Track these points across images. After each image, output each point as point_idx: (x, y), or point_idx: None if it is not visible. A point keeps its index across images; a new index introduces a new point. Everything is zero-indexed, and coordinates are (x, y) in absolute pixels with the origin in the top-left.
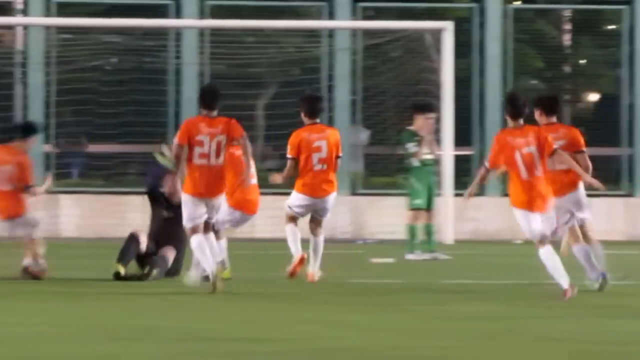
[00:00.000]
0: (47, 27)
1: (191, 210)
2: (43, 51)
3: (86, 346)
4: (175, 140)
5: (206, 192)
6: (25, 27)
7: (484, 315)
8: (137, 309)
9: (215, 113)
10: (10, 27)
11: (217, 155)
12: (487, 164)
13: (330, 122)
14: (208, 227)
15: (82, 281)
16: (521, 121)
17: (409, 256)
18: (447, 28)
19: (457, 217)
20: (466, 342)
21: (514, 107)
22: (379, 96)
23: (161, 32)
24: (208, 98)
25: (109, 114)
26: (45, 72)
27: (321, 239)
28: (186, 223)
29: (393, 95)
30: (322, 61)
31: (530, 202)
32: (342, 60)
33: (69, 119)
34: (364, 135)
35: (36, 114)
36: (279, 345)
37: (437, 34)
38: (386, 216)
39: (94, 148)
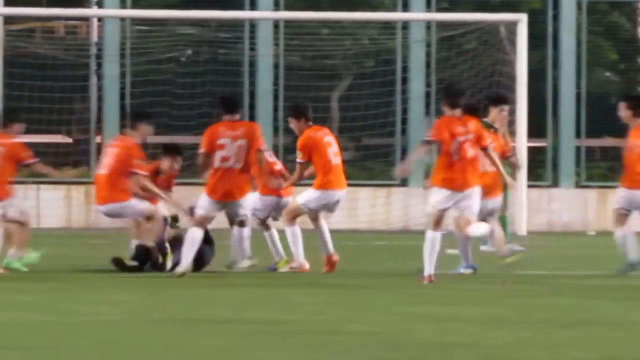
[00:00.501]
0: (122, 19)
1: (207, 209)
2: (118, 43)
3: (161, 337)
4: (200, 150)
5: (224, 196)
6: (101, 19)
7: (557, 306)
8: (210, 301)
9: (237, 117)
10: (85, 19)
11: (238, 159)
12: (428, 137)
13: (404, 114)
14: (243, 223)
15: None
16: (458, 111)
17: (483, 247)
18: (522, 20)
19: (530, 208)
20: (539, 334)
21: (451, 97)
22: None
23: (236, 24)
24: (229, 103)
25: (184, 106)
26: (120, 63)
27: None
28: (198, 209)
29: (467, 87)
30: (396, 53)
31: (451, 181)
32: (417, 52)
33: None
34: None
35: (111, 106)
36: (353, 337)
37: (511, 26)
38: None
39: (169, 139)
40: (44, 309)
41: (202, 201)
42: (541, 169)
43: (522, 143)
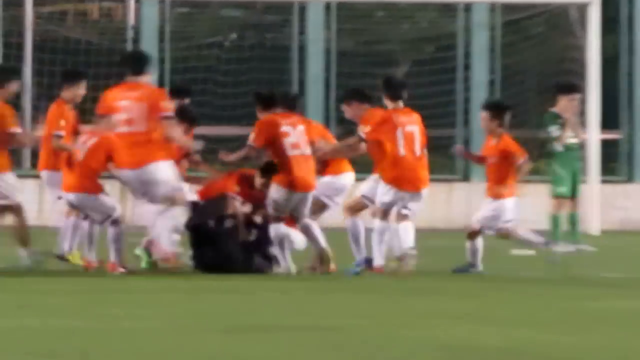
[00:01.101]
0: (161, 1)
1: (286, 204)
2: (157, 26)
3: (202, 345)
4: (251, 142)
5: (305, 186)
6: (138, 0)
7: (631, 311)
8: (258, 305)
9: (279, 110)
10: (121, 1)
11: (305, 145)
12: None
13: (466, 103)
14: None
15: (197, 273)
16: (401, 103)
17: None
18: (594, 2)
19: (603, 205)
20: (613, 339)
21: (392, 89)
22: (519, 75)
23: (284, 6)
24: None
25: (228, 94)
26: (159, 48)
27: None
28: (273, 208)
29: (534, 74)
30: (458, 38)
31: (400, 180)
32: (480, 36)
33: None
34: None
35: None
36: (409, 344)
37: (582, 8)
38: (527, 205)
39: (212, 130)
40: (76, 313)
41: (278, 195)
42: (615, 163)
43: (593, 135)
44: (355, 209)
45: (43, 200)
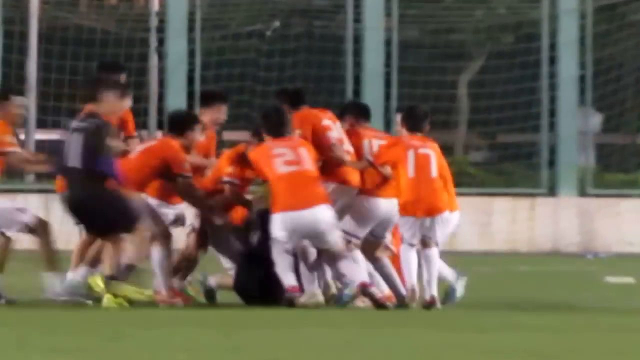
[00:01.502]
0: None
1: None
2: (186, 13)
3: None
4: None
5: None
6: None
7: None
8: (300, 343)
9: None
10: None
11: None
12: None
13: (552, 103)
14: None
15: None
16: (418, 135)
17: None
18: None
19: None
20: None
21: (412, 120)
22: (614, 71)
23: None
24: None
25: (269, 93)
26: (189, 39)
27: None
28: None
29: (633, 69)
30: (542, 26)
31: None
32: (568, 25)
33: None
34: (595, 120)
35: (176, 93)
36: None
37: None
38: (624, 223)
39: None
40: (89, 355)
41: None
42: None
43: None
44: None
45: (50, 219)
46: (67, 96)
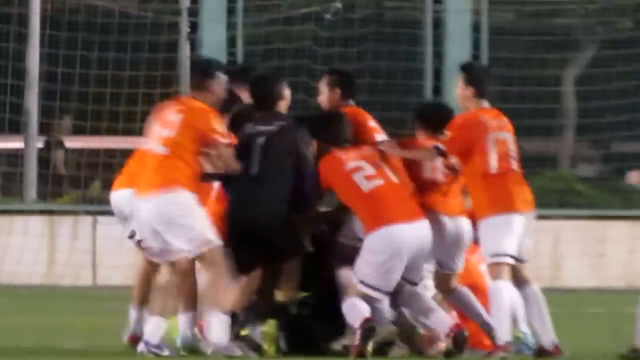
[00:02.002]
0: None
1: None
2: None
3: None
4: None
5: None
6: None
7: None
8: None
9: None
10: None
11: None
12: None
13: None
14: None
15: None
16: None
17: None
18: None
19: None
20: None
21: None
22: None
23: None
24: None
25: None
26: (228, 24)
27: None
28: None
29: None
30: None
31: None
32: None
33: None
34: None
35: None
36: None
37: None
38: None
39: None
40: None
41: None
42: None
43: None
44: None
45: (56, 248)
46: (76, 95)
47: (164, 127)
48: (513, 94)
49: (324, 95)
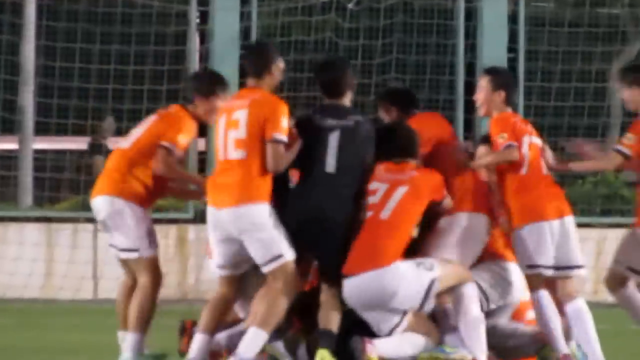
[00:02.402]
0: None
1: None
2: None
3: None
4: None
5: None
6: None
7: None
8: None
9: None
10: None
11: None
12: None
13: None
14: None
15: None
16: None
17: None
18: None
19: None
20: None
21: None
22: None
23: None
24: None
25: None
26: (242, 13)
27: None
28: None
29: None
30: None
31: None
32: None
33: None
34: None
35: None
36: None
37: None
38: None
39: None
40: None
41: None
42: None
43: None
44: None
45: (54, 258)
46: (77, 90)
47: (229, 127)
48: (552, 90)
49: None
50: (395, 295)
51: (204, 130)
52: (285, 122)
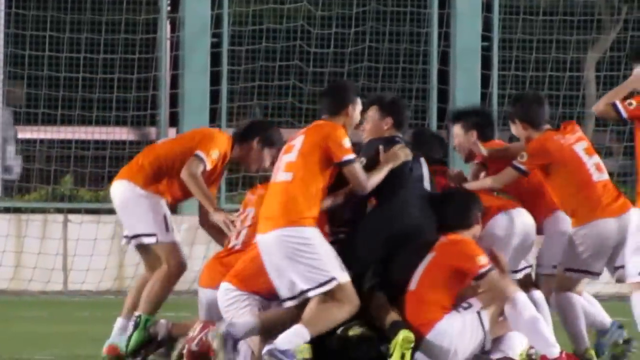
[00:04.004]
0: None
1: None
2: None
3: None
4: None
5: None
6: None
7: None
8: None
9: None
10: None
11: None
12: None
13: None
14: None
15: None
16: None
17: None
18: None
19: None
20: None
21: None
22: None
23: None
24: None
25: (324, 76)
26: (212, 1)
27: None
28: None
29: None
30: None
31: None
32: None
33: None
34: None
35: (196, 74)
36: None
37: None
38: None
39: None
40: None
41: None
42: None
43: None
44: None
45: (23, 249)
46: (46, 79)
47: (286, 152)
48: (528, 80)
49: None
50: (457, 351)
51: None
52: (347, 142)
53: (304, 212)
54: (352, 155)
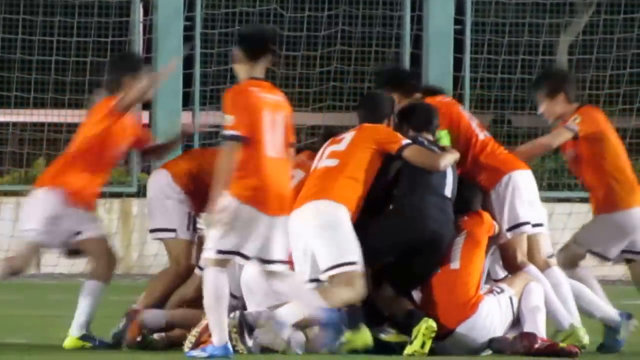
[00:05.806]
0: None
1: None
2: None
3: None
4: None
5: None
6: None
7: None
8: None
9: None
10: None
11: None
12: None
13: None
14: None
15: None
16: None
17: None
18: None
19: None
20: None
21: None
22: None
23: None
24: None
25: (297, 59)
26: None
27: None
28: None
29: None
30: None
31: None
32: None
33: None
34: None
35: (169, 58)
36: None
37: None
38: None
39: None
40: None
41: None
42: None
43: None
44: None
45: None
46: (19, 62)
47: (332, 143)
48: (501, 63)
49: None
50: (495, 332)
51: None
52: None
53: (344, 193)
54: (406, 140)
